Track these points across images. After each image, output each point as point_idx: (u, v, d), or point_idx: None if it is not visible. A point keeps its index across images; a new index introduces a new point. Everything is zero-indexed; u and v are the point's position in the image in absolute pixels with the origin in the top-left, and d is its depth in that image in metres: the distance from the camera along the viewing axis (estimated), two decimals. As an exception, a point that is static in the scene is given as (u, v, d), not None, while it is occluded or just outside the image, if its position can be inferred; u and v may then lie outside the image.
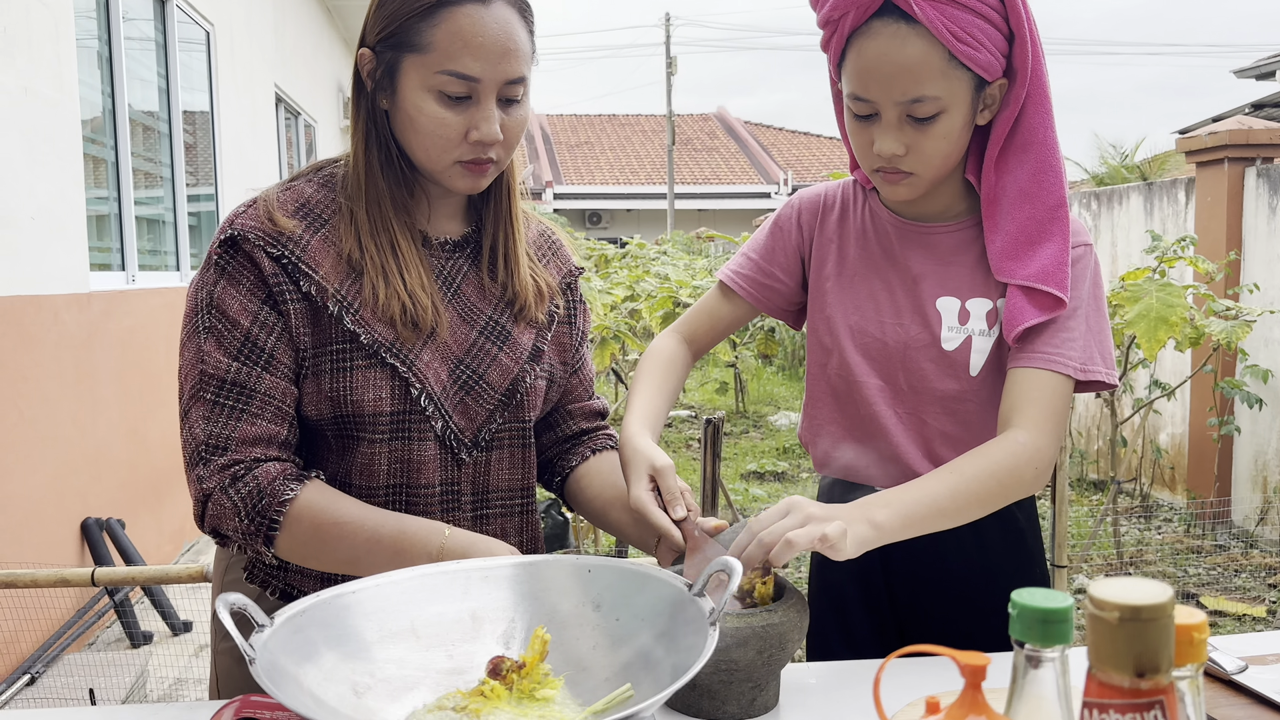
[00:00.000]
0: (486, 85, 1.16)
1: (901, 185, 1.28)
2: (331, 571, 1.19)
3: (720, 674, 1.03)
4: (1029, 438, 1.21)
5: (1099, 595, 0.58)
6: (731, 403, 9.78)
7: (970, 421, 1.32)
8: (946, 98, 1.20)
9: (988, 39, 1.19)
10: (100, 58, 4.48)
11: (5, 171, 3.40)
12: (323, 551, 1.15)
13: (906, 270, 1.35)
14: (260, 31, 7.21)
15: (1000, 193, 1.30)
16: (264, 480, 1.13)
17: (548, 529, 4.22)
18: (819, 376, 1.40)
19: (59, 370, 3.79)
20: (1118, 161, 11.22)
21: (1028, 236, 1.27)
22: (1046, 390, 1.24)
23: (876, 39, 1.19)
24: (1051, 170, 1.28)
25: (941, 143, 1.23)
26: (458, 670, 0.99)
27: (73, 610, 3.73)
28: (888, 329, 1.34)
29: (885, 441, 1.34)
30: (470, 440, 1.25)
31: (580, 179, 22.41)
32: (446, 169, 1.20)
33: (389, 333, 1.19)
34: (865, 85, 1.21)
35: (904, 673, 1.15)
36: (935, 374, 1.32)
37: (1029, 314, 1.25)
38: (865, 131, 1.26)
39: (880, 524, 1.12)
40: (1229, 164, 5.39)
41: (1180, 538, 5.25)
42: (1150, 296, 3.81)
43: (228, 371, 1.15)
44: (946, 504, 1.17)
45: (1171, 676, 0.59)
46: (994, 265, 1.29)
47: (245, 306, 1.16)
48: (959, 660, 0.62)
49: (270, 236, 1.17)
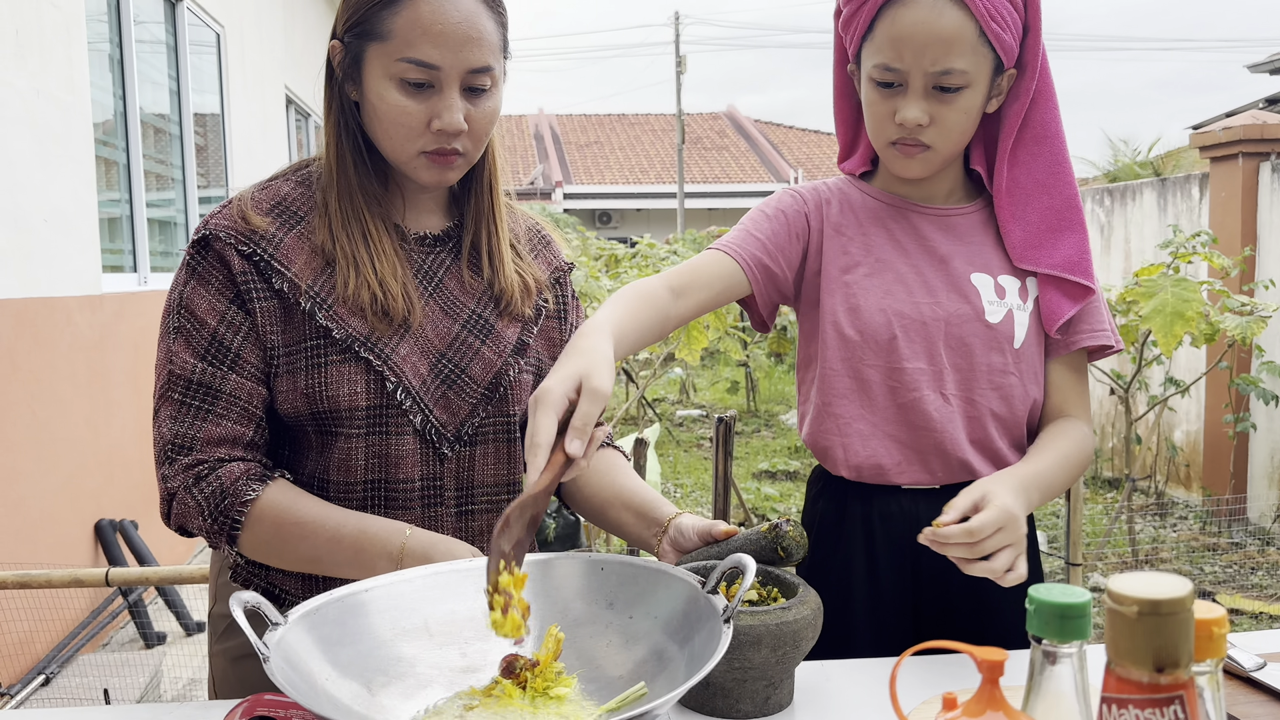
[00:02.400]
0: (448, 73, 1.15)
1: (916, 159, 1.29)
2: (295, 570, 1.20)
3: (734, 672, 1.02)
4: (1089, 429, 1.35)
5: (1117, 589, 0.58)
6: (743, 402, 9.77)
7: (1012, 398, 1.34)
8: (973, 72, 1.24)
9: (1012, 23, 1.25)
10: (111, 60, 4.50)
11: (18, 174, 3.42)
12: (284, 550, 1.16)
13: (933, 250, 1.35)
14: (270, 33, 7.23)
15: (1014, 184, 1.35)
16: (226, 480, 1.14)
17: (559, 528, 4.22)
18: (839, 373, 1.34)
19: (72, 372, 3.81)
20: (1130, 158, 11.16)
21: (1048, 225, 1.34)
22: (1085, 378, 1.39)
23: (914, 8, 1.23)
24: (1064, 163, 1.35)
25: (962, 117, 1.27)
26: (471, 668, 0.98)
27: (87, 611, 3.75)
28: (924, 308, 1.33)
29: (928, 431, 1.32)
30: (453, 435, 1.24)
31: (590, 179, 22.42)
32: (411, 160, 1.20)
33: (363, 326, 1.19)
34: (898, 53, 1.24)
35: (919, 670, 1.14)
36: (981, 348, 1.33)
37: (1066, 306, 1.33)
38: (887, 102, 1.28)
39: (1033, 504, 1.21)
40: (1243, 159, 5.36)
41: (1196, 535, 5.22)
42: (1165, 292, 3.79)
43: (194, 372, 1.16)
44: (1059, 486, 1.27)
45: (1191, 671, 0.58)
46: (1015, 254, 1.34)
47: (213, 306, 1.17)
48: (976, 656, 0.62)
49: (242, 235, 1.18)
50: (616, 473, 1.33)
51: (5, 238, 3.33)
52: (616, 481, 1.31)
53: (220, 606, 1.30)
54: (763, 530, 1.15)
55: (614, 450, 1.39)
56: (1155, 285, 3.85)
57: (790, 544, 1.14)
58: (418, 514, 1.22)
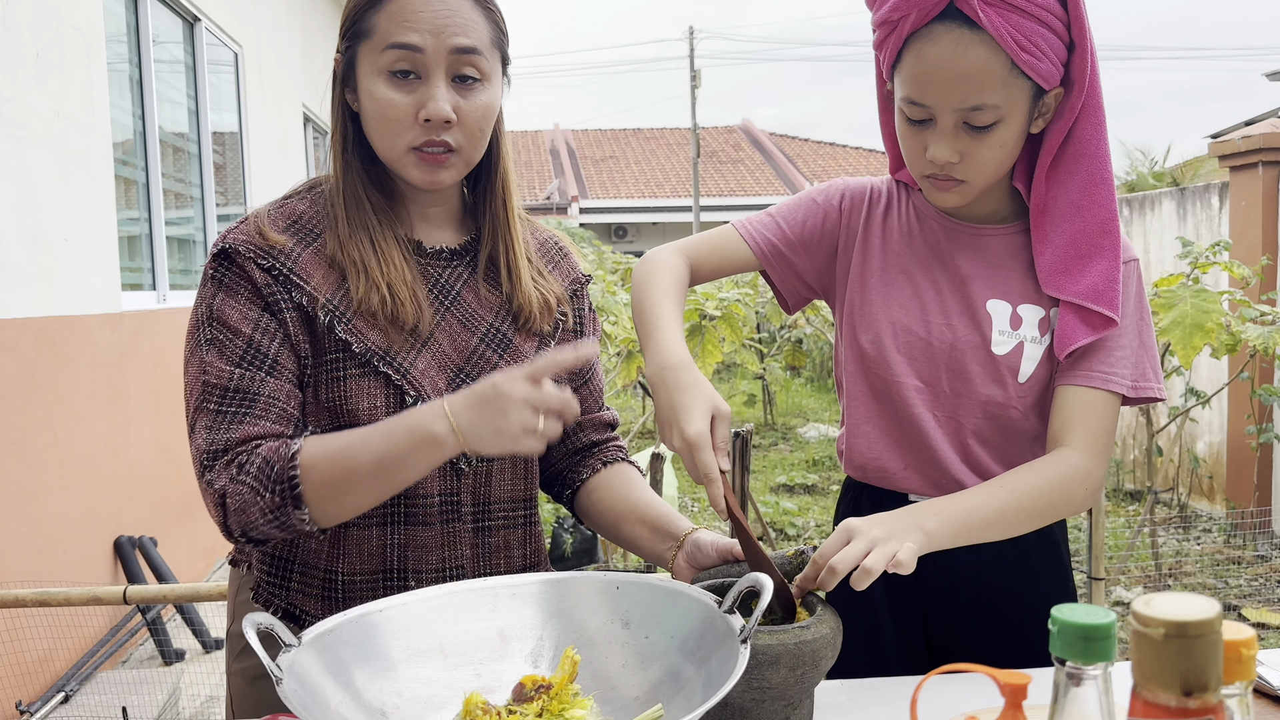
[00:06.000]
0: (431, 57, 1.15)
1: (951, 193, 1.26)
2: (366, 498, 1.12)
3: (752, 692, 1.01)
4: (1081, 460, 1.21)
5: (1144, 612, 0.56)
6: (760, 415, 9.74)
7: (1010, 429, 1.30)
8: (1005, 106, 1.17)
9: (1050, 48, 1.16)
10: (131, 80, 4.54)
11: (39, 193, 3.45)
12: (350, 476, 1.09)
13: (955, 270, 1.32)
14: (288, 52, 7.29)
15: (1050, 203, 1.28)
16: (267, 453, 1.10)
17: (576, 543, 4.22)
18: (857, 375, 1.37)
19: (92, 390, 3.83)
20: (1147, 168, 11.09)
21: (1077, 251, 1.26)
22: (1097, 410, 1.24)
23: (938, 44, 1.16)
24: (1103, 183, 1.25)
25: (997, 152, 1.21)
26: (486, 689, 0.98)
27: (106, 628, 3.76)
28: (934, 329, 1.31)
29: (923, 445, 1.32)
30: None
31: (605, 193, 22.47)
32: (401, 158, 1.19)
33: (381, 340, 1.18)
34: (923, 90, 1.19)
35: (938, 690, 1.13)
36: (981, 377, 1.29)
37: (1081, 333, 1.24)
38: (918, 137, 1.23)
39: (930, 532, 1.12)
40: (1263, 168, 5.31)
41: (1220, 548, 5.16)
42: (1185, 303, 3.76)
43: (230, 379, 1.14)
44: (996, 518, 1.17)
45: (1220, 695, 0.57)
46: (1043, 279, 1.28)
47: (245, 315, 1.16)
48: (999, 679, 0.60)
49: (260, 250, 1.18)
50: (631, 487, 1.32)
51: (26, 257, 3.36)
52: (631, 496, 1.30)
53: (238, 625, 1.30)
54: (789, 555, 1.15)
55: (629, 465, 1.38)
56: (1175, 296, 3.82)
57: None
58: (436, 530, 1.22)
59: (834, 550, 1.07)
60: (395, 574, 1.21)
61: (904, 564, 1.06)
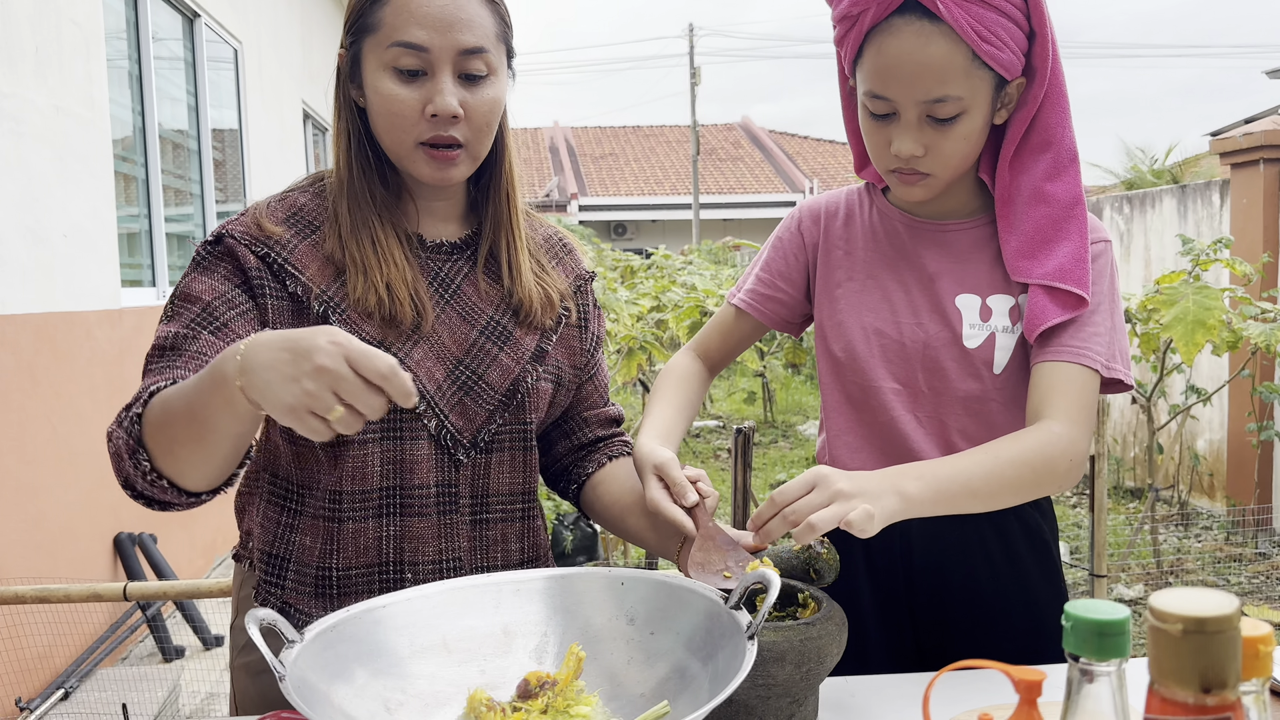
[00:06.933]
0: (438, 55, 1.15)
1: (918, 186, 1.26)
2: (192, 450, 1.01)
3: (757, 689, 1.00)
4: (1063, 429, 1.18)
5: (1161, 606, 0.56)
6: (760, 412, 9.73)
7: (993, 422, 1.30)
8: (968, 98, 1.18)
9: (1010, 38, 1.17)
10: (130, 76, 4.53)
11: (38, 189, 3.44)
12: (171, 418, 1.00)
13: (922, 269, 1.32)
14: (288, 48, 7.27)
15: (1015, 192, 1.28)
16: (142, 394, 1.05)
17: (576, 540, 4.21)
18: (832, 385, 1.38)
19: (91, 386, 3.82)
20: (1147, 166, 11.07)
21: (1044, 235, 1.26)
22: (1075, 383, 1.21)
23: (898, 36, 1.16)
24: (1068, 168, 1.26)
25: (961, 144, 1.21)
26: (490, 685, 0.97)
27: (106, 625, 3.76)
28: (905, 329, 1.31)
29: (905, 448, 1.31)
30: (468, 441, 1.23)
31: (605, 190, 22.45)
32: (409, 154, 1.19)
33: (375, 332, 1.18)
34: (885, 84, 1.19)
35: (944, 686, 1.12)
36: (957, 373, 1.29)
37: (1051, 313, 1.22)
38: (882, 131, 1.23)
39: (910, 496, 1.07)
40: (1264, 165, 5.31)
41: (1220, 546, 5.16)
42: (1186, 300, 3.75)
43: (169, 339, 1.11)
44: (979, 485, 1.12)
45: (1239, 692, 0.56)
46: (1009, 266, 1.27)
47: (213, 288, 1.15)
48: (1014, 676, 0.60)
49: (257, 239, 1.18)
50: (634, 481, 1.32)
51: (25, 253, 3.35)
52: (635, 490, 1.30)
53: (242, 620, 1.29)
54: (795, 550, 1.14)
55: (632, 460, 1.38)
56: (1176, 293, 3.82)
57: (823, 565, 1.13)
58: (433, 521, 1.21)
59: (794, 494, 1.03)
60: (391, 567, 1.20)
61: (855, 524, 1.00)
